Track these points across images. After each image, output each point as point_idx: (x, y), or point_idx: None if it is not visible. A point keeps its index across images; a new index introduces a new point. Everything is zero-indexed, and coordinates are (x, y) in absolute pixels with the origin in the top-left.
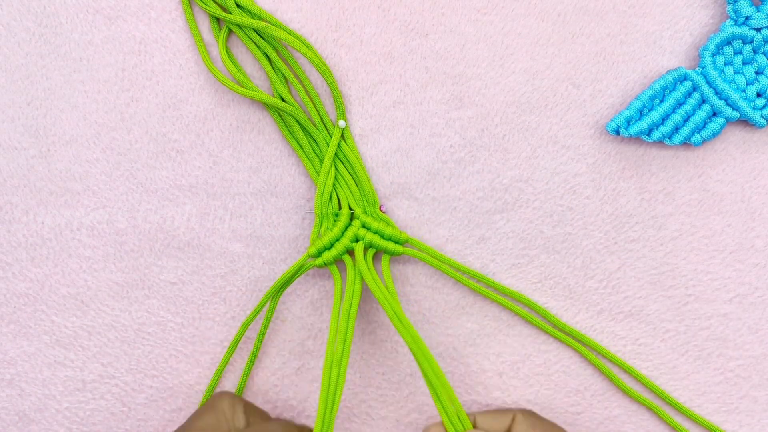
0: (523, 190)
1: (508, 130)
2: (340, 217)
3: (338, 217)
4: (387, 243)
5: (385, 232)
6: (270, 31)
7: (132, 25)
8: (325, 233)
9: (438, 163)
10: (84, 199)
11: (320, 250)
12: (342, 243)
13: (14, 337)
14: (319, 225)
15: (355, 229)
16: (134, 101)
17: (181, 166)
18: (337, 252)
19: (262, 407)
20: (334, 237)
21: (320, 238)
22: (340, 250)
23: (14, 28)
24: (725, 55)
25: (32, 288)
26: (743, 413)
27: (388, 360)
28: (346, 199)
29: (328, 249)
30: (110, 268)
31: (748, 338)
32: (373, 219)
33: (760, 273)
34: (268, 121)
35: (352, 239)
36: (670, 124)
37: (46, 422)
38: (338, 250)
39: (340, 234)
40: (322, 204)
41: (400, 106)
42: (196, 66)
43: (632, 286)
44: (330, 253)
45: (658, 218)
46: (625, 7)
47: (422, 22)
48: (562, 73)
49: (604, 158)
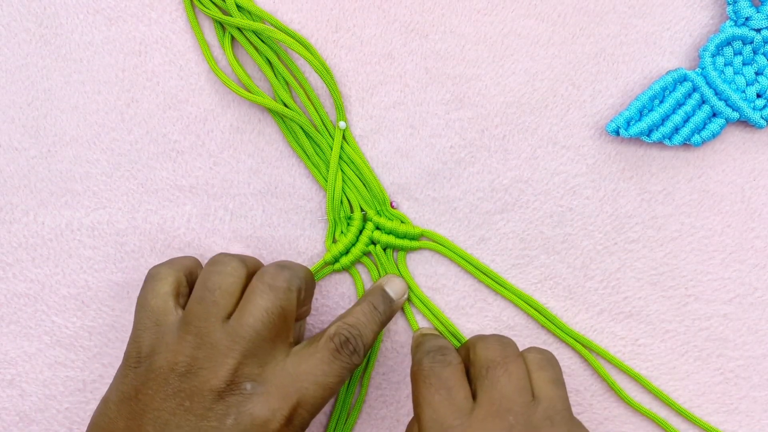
0: (523, 191)
1: (508, 130)
2: (353, 221)
3: (351, 221)
4: (402, 241)
5: (399, 231)
6: (269, 33)
7: (132, 26)
8: (340, 238)
9: (438, 164)
10: (84, 199)
11: (336, 257)
12: (358, 248)
13: (15, 337)
14: (333, 230)
15: (369, 233)
16: (134, 102)
17: (182, 166)
18: (354, 257)
19: None
20: (349, 242)
21: (335, 243)
22: (356, 254)
23: (14, 29)
24: (725, 56)
25: (33, 288)
26: (743, 414)
27: (389, 360)
28: (356, 200)
29: (345, 254)
30: (111, 269)
31: (748, 338)
32: (386, 219)
33: (760, 273)
34: (268, 122)
35: (367, 243)
36: (670, 125)
37: (47, 422)
38: (355, 255)
39: (354, 239)
40: (333, 209)
41: (400, 106)
42: (197, 67)
43: (632, 287)
44: (347, 258)
45: (658, 219)
46: (625, 8)
47: (422, 23)
48: (562, 73)
49: (604, 159)
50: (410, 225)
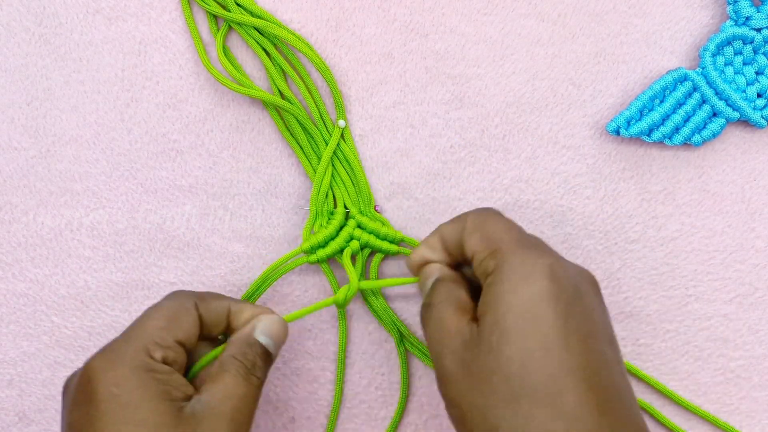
0: (523, 191)
1: (508, 130)
2: (335, 216)
3: (333, 216)
4: (383, 243)
5: (380, 232)
6: (270, 29)
7: (132, 26)
8: (319, 230)
9: (438, 164)
10: (84, 199)
11: (314, 247)
12: (337, 242)
13: (14, 337)
14: (313, 221)
15: (350, 229)
16: (134, 101)
17: (181, 166)
18: (332, 250)
19: (262, 407)
20: (328, 235)
21: (314, 234)
22: (334, 248)
23: (14, 29)
24: (725, 56)
25: (32, 288)
26: (743, 414)
27: (389, 360)
28: (342, 198)
29: (323, 247)
30: (110, 269)
31: (749, 338)
32: (369, 219)
33: (760, 273)
34: (267, 122)
35: (347, 239)
36: (671, 125)
37: (46, 423)
38: (332, 249)
39: (334, 232)
40: (317, 201)
41: (400, 106)
42: (196, 66)
43: (632, 287)
44: (324, 251)
45: (659, 219)
46: (626, 8)
47: (422, 23)
48: (563, 73)
49: (605, 159)
50: (391, 228)
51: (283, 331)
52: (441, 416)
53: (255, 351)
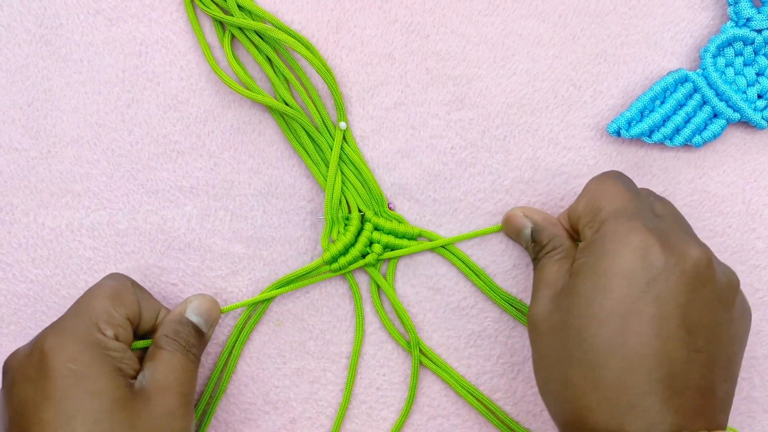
0: (524, 192)
1: (509, 131)
2: (351, 221)
3: (349, 221)
4: (402, 241)
5: (398, 231)
6: (271, 33)
7: (133, 27)
8: (338, 238)
9: (439, 165)
10: (85, 200)
11: (335, 256)
12: (357, 248)
13: (14, 338)
14: (329, 230)
15: (368, 233)
16: (135, 102)
17: (182, 167)
18: (352, 257)
19: (262, 408)
20: (348, 242)
21: (333, 243)
22: (355, 255)
23: (15, 30)
24: (726, 57)
25: (33, 289)
26: (743, 414)
27: (390, 361)
28: (354, 201)
29: (343, 254)
30: (111, 269)
31: (749, 339)
32: (384, 220)
33: (761, 274)
34: (269, 123)
35: (366, 243)
36: (671, 126)
37: None
38: (353, 255)
39: (353, 239)
40: (332, 208)
41: (401, 107)
42: (197, 67)
43: None
44: (345, 258)
45: None
46: (626, 9)
47: (423, 24)
48: (563, 74)
49: (605, 159)
50: (408, 225)
51: (214, 309)
52: (441, 417)
53: (187, 330)
